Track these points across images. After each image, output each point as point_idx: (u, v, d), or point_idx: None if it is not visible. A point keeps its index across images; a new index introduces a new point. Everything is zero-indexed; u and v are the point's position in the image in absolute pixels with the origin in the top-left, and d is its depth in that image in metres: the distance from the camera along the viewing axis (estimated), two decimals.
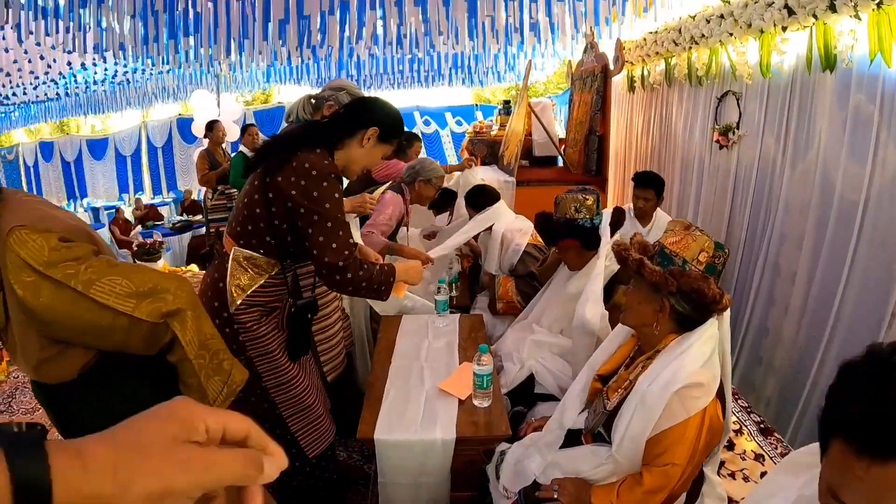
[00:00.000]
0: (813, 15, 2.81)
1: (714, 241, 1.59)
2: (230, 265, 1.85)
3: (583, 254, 2.43)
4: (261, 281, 1.88)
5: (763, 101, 3.43)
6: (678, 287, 1.51)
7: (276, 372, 1.93)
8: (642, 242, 1.67)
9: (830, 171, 2.89)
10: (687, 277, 1.51)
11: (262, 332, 1.90)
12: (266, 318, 1.92)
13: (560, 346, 2.42)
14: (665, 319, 1.57)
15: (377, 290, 1.89)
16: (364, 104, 1.97)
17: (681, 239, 1.59)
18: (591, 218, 2.39)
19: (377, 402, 2.05)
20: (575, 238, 2.40)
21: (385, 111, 1.94)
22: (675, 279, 1.51)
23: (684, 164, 4.46)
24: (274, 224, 1.81)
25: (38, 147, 15.76)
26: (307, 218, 1.74)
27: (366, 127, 1.88)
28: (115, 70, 6.54)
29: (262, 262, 1.87)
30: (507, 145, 5.41)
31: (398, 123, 1.98)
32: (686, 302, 1.54)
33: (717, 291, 1.51)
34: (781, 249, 3.30)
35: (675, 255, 1.57)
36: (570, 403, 1.80)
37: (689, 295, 1.52)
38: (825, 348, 2.88)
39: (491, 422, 1.94)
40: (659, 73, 4.78)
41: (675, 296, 1.54)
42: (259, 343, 1.89)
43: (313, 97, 2.56)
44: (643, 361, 1.62)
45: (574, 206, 2.39)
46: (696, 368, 1.45)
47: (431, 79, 8.98)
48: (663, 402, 1.43)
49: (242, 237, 1.86)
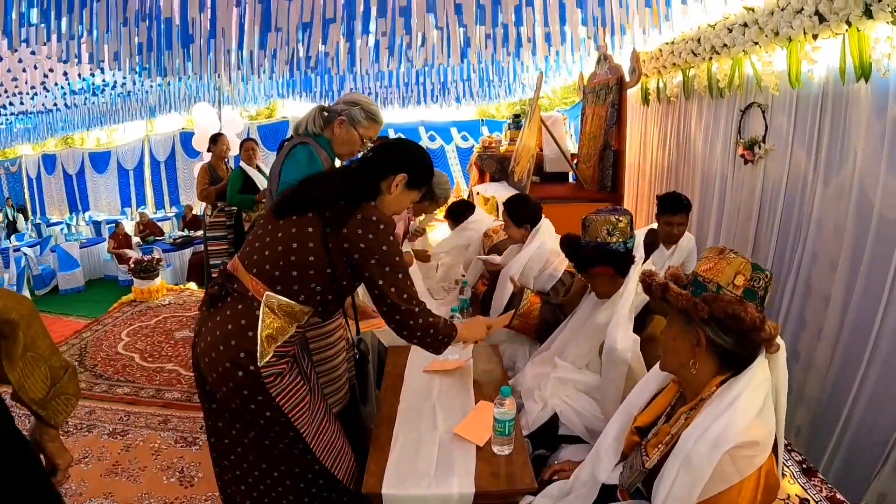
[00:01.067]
0: (846, 21, 2.67)
1: (752, 263, 1.38)
2: (262, 312, 1.70)
3: (615, 281, 2.18)
4: (291, 331, 1.75)
5: (792, 113, 3.26)
6: (710, 313, 1.31)
7: (314, 420, 1.81)
8: (675, 274, 1.48)
9: (868, 187, 2.72)
10: (720, 301, 1.31)
11: (293, 382, 1.77)
12: (290, 367, 1.79)
13: (586, 383, 2.18)
14: (704, 356, 1.36)
15: (440, 341, 1.87)
16: (391, 148, 1.92)
17: (714, 265, 1.39)
18: (624, 241, 2.16)
19: (384, 450, 1.82)
20: (608, 265, 2.17)
21: (412, 155, 1.90)
22: (706, 304, 1.32)
23: (705, 180, 4.28)
24: (327, 274, 1.74)
25: (40, 159, 15.81)
26: (377, 271, 1.72)
27: (394, 173, 1.83)
28: (115, 81, 6.42)
29: (297, 310, 1.75)
30: (518, 161, 5.23)
31: (426, 168, 1.92)
32: (724, 332, 1.33)
33: (756, 315, 1.29)
34: (813, 270, 3.11)
35: (709, 281, 1.37)
36: (604, 453, 1.58)
37: (724, 322, 1.31)
38: (862, 377, 2.69)
39: (513, 472, 1.71)
40: (676, 85, 4.61)
41: (710, 325, 1.34)
42: (292, 393, 1.75)
43: (325, 109, 2.46)
44: (685, 412, 1.40)
45: (606, 228, 2.16)
46: (749, 423, 1.24)
47: (437, 94, 8.89)
48: (712, 464, 1.22)
49: (281, 283, 1.73)
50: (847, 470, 2.71)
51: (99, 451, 3.23)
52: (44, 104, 7.28)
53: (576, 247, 2.26)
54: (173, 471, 3.03)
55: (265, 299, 1.70)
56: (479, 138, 10.59)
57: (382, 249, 1.70)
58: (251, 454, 1.83)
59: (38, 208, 16.03)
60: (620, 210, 2.22)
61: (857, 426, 2.69)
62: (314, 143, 2.38)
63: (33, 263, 7.64)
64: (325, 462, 1.81)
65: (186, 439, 3.32)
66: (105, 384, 4.21)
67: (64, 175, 15.46)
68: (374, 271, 1.72)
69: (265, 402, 1.70)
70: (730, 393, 1.31)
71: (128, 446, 3.28)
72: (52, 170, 15.58)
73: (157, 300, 6.47)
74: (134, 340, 5.15)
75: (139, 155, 14.15)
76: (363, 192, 1.78)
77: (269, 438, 1.77)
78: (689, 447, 1.27)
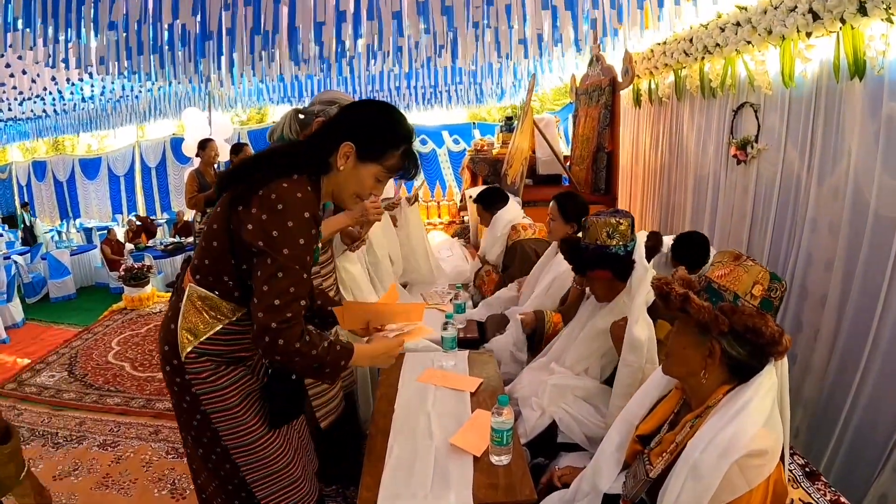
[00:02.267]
0: (840, 19, 2.64)
1: (769, 272, 1.36)
2: (184, 304, 1.54)
3: (614, 285, 2.16)
4: (217, 327, 1.53)
5: (784, 113, 3.24)
6: (730, 326, 1.28)
7: (237, 432, 1.58)
8: (685, 277, 1.43)
9: (863, 186, 2.69)
10: (740, 314, 1.27)
11: (220, 385, 1.56)
12: (226, 369, 1.57)
13: (585, 390, 2.15)
14: (715, 367, 1.33)
15: (317, 370, 1.51)
16: (342, 113, 1.59)
17: (730, 271, 1.36)
18: (624, 245, 2.13)
19: (379, 462, 1.76)
20: (606, 268, 2.13)
21: (362, 117, 1.54)
22: (726, 317, 1.28)
23: (697, 181, 4.26)
24: (232, 263, 1.49)
25: (30, 166, 15.72)
26: (259, 261, 1.41)
27: (338, 142, 1.50)
28: (104, 87, 6.36)
29: (218, 304, 1.53)
30: (511, 163, 5.21)
31: (386, 130, 1.54)
32: (740, 344, 1.30)
33: (775, 330, 1.27)
34: (809, 271, 3.09)
35: (725, 289, 1.33)
36: (604, 463, 1.55)
37: (742, 336, 1.28)
38: (861, 378, 2.66)
39: (512, 483, 1.67)
40: (668, 85, 4.59)
41: (726, 337, 1.30)
42: (215, 397, 1.55)
43: (301, 112, 2.32)
44: (691, 420, 1.37)
45: (606, 231, 2.13)
46: (758, 431, 1.21)
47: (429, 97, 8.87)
48: (721, 473, 1.19)
49: (199, 272, 1.54)
50: (847, 472, 2.68)
51: (89, 464, 3.18)
52: (33, 110, 7.22)
53: (575, 249, 2.23)
54: (165, 483, 2.98)
55: (188, 290, 1.53)
56: (470, 141, 10.57)
57: (271, 235, 1.38)
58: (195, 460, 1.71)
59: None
60: (622, 212, 2.18)
61: (857, 427, 2.66)
62: None
63: (24, 271, 7.56)
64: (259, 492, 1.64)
65: (178, 450, 3.27)
66: (95, 394, 4.16)
67: (54, 182, 15.38)
68: (258, 261, 1.42)
69: (193, 402, 1.56)
70: (738, 401, 1.28)
71: (118, 458, 3.24)
72: (43, 176, 15.49)
73: (147, 308, 6.42)
74: (125, 349, 5.10)
75: (130, 161, 14.09)
76: (292, 166, 1.46)
77: (203, 444, 1.63)
78: (696, 456, 1.24)
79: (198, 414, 1.57)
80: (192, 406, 1.57)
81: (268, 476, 1.63)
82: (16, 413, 3.89)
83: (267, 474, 1.63)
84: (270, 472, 1.63)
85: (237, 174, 1.49)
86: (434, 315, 3.33)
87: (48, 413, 3.88)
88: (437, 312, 3.37)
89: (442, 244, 5.74)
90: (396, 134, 1.54)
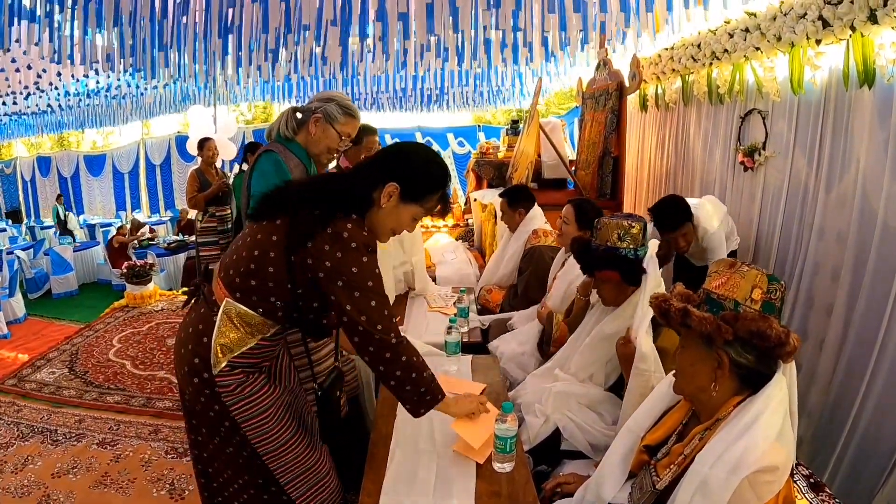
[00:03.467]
0: (850, 27, 2.62)
1: (767, 274, 1.34)
2: (219, 319, 1.58)
3: (622, 288, 2.15)
4: (251, 343, 1.60)
5: (793, 120, 3.21)
6: (734, 334, 1.26)
7: (267, 437, 1.65)
8: (684, 292, 1.42)
9: (871, 195, 2.67)
10: (743, 320, 1.25)
11: (249, 392, 1.62)
12: (253, 376, 1.64)
13: (589, 397, 2.13)
14: (725, 378, 1.31)
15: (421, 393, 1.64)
16: (389, 153, 1.68)
17: (727, 279, 1.34)
18: (635, 248, 2.11)
19: (381, 467, 1.75)
20: (615, 269, 2.12)
21: (411, 161, 1.64)
22: (729, 325, 1.26)
23: (704, 187, 4.23)
24: (288, 289, 1.57)
25: (35, 162, 15.75)
26: (344, 294, 1.51)
27: (384, 182, 1.59)
28: (109, 83, 6.37)
29: (258, 322, 1.60)
30: (517, 167, 5.18)
31: (428, 178, 1.65)
32: (747, 351, 1.27)
33: (780, 331, 1.24)
34: (815, 280, 3.06)
35: (725, 298, 1.32)
36: (608, 473, 1.53)
37: (748, 342, 1.26)
38: (866, 388, 2.64)
39: (515, 492, 1.65)
40: (675, 90, 4.57)
41: (733, 346, 1.28)
42: (248, 405, 1.62)
43: (299, 110, 2.33)
44: (700, 433, 1.35)
45: (617, 233, 2.12)
46: (769, 446, 1.19)
47: (434, 99, 8.86)
48: (731, 489, 1.17)
49: (241, 290, 1.59)
50: (851, 482, 2.66)
51: (88, 462, 3.17)
52: (38, 105, 7.22)
53: (586, 248, 2.22)
54: (163, 483, 2.97)
55: (224, 305, 1.58)
56: (475, 144, 10.55)
57: (352, 271, 1.50)
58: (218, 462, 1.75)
59: (32, 211, 15.97)
60: (635, 216, 2.17)
61: (862, 437, 2.64)
62: (282, 150, 2.27)
63: (26, 266, 7.57)
64: (294, 492, 1.71)
65: (177, 450, 3.26)
66: (95, 392, 4.15)
67: (59, 177, 15.41)
68: (341, 295, 1.51)
69: (222, 412, 1.61)
70: (748, 414, 1.25)
71: (118, 457, 3.22)
72: (47, 172, 15.54)
73: (150, 306, 6.42)
74: (126, 347, 5.09)
75: (135, 158, 14.09)
76: (345, 201, 1.56)
77: (231, 446, 1.69)
78: (705, 471, 1.22)
79: (226, 421, 1.63)
80: (221, 415, 1.62)
81: (300, 475, 1.71)
82: (15, 409, 3.89)
83: (298, 473, 1.70)
84: (301, 470, 1.71)
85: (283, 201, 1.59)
86: (437, 318, 3.31)
87: (48, 410, 3.87)
88: (441, 316, 3.36)
89: (446, 247, 5.72)
90: (439, 180, 1.66)
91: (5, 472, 3.10)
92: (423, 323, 3.28)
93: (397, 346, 1.56)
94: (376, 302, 1.53)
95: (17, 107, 7.09)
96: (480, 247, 5.93)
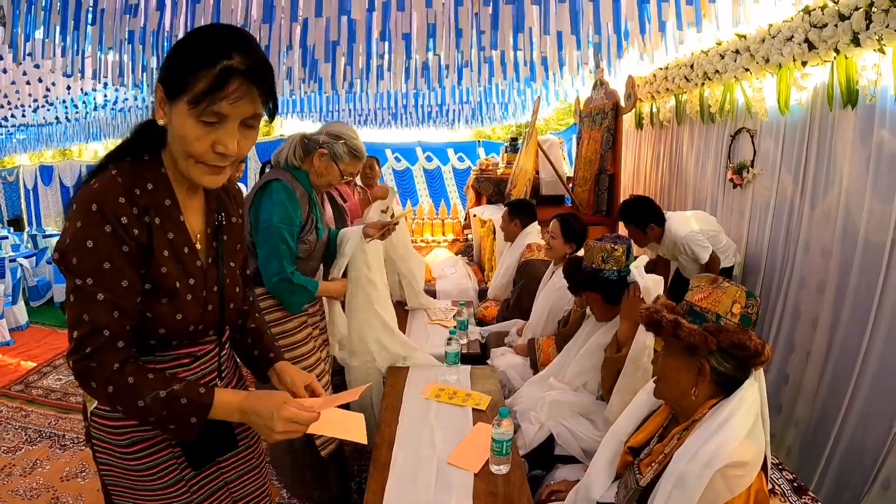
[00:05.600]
0: (835, 49, 2.74)
1: (745, 291, 1.47)
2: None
3: (607, 307, 2.28)
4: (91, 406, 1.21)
5: (780, 139, 3.34)
6: (718, 344, 1.38)
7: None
8: (668, 304, 1.54)
9: (854, 211, 2.78)
10: (726, 332, 1.38)
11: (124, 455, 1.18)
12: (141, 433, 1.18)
13: (582, 405, 2.25)
14: (705, 384, 1.42)
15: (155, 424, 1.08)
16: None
17: (709, 294, 1.47)
18: (618, 270, 2.24)
19: (384, 472, 1.85)
20: (596, 291, 2.26)
21: (174, 52, 1.07)
22: (713, 336, 1.38)
23: (696, 204, 4.35)
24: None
25: (38, 170, 15.78)
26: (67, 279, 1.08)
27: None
28: (116, 96, 6.48)
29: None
30: (515, 184, 5.30)
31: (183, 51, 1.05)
32: (726, 360, 1.40)
33: (758, 342, 1.37)
34: (801, 293, 3.16)
35: (707, 311, 1.44)
36: (595, 476, 1.65)
37: (729, 351, 1.38)
38: (850, 399, 2.73)
39: (510, 493, 1.75)
40: (669, 109, 4.70)
41: (714, 355, 1.40)
42: (119, 471, 1.20)
43: (307, 138, 2.34)
44: (678, 433, 1.46)
45: (601, 255, 2.25)
46: (739, 443, 1.30)
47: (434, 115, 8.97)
48: (704, 482, 1.27)
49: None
50: (837, 490, 2.74)
51: (95, 466, 3.23)
52: (45, 117, 7.33)
53: (574, 270, 2.34)
54: None
55: None
56: (475, 159, 10.66)
57: (64, 243, 1.04)
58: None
59: (35, 219, 16.00)
60: (621, 239, 2.30)
61: (846, 447, 2.72)
62: (291, 179, 2.28)
63: (29, 275, 7.62)
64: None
65: None
66: None
67: (61, 187, 15.43)
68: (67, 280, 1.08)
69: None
70: (721, 415, 1.36)
71: None
72: (50, 181, 15.55)
73: None
74: None
75: None
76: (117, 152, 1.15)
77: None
78: (681, 467, 1.32)
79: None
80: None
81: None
82: (23, 414, 3.95)
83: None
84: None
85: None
86: (438, 331, 3.41)
87: (55, 415, 3.94)
88: (441, 328, 3.45)
89: (446, 262, 5.85)
90: (202, 48, 1.03)
91: (14, 475, 3.16)
92: (424, 335, 3.38)
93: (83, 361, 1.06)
94: (73, 296, 1.06)
95: (26, 119, 7.19)
96: (479, 261, 6.04)
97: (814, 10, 2.83)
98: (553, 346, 2.77)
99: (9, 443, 3.52)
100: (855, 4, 2.56)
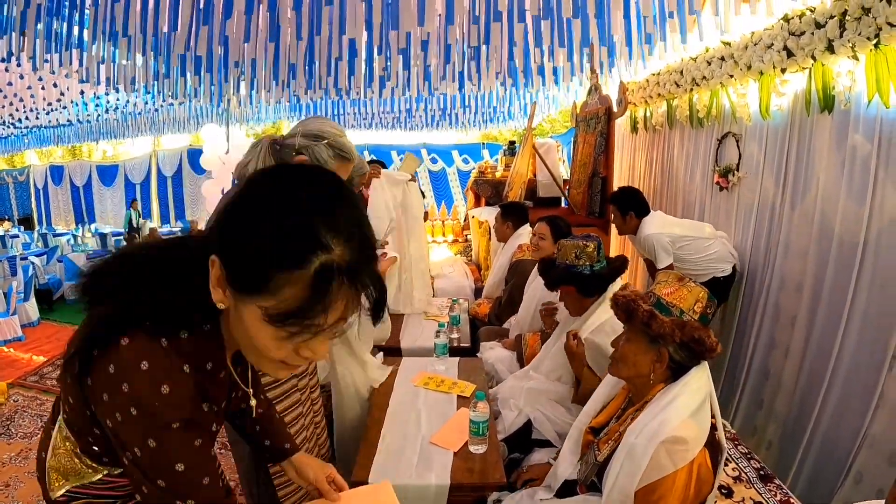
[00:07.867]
0: (811, 56, 2.83)
1: (707, 292, 1.66)
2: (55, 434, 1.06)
3: (581, 300, 2.44)
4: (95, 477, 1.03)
5: (762, 143, 3.44)
6: (681, 337, 1.55)
7: None
8: (638, 293, 1.70)
9: (829, 212, 2.87)
10: (690, 328, 1.55)
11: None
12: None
13: (557, 393, 2.43)
14: (661, 369, 1.60)
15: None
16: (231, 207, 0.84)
17: (676, 290, 1.64)
18: (591, 265, 2.39)
19: (373, 447, 2.03)
20: (571, 284, 2.41)
21: (244, 227, 0.79)
22: (679, 330, 1.55)
23: (686, 206, 4.45)
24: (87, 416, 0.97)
25: (48, 170, 15.95)
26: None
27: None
28: (127, 100, 6.66)
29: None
30: (512, 186, 5.44)
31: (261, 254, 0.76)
32: (684, 350, 1.57)
33: (714, 340, 1.56)
34: (781, 292, 3.26)
35: (673, 305, 1.61)
36: (563, 457, 1.84)
37: (687, 344, 1.55)
38: (825, 394, 2.82)
39: (486, 469, 1.92)
40: (661, 114, 4.81)
41: (674, 345, 1.57)
42: None
43: (278, 143, 1.79)
44: (632, 413, 1.64)
45: (574, 252, 2.40)
46: (681, 421, 1.46)
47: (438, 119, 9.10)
48: (649, 454, 1.44)
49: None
50: (813, 483, 2.83)
51: None
52: (57, 119, 7.51)
53: (549, 267, 2.50)
54: None
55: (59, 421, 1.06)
56: (480, 161, 10.79)
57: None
58: None
59: (45, 218, 16.23)
60: (592, 238, 2.46)
61: (821, 441, 2.81)
62: None
63: (40, 273, 7.78)
64: None
65: None
66: None
67: (71, 186, 15.64)
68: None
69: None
70: (668, 396, 1.55)
71: None
72: (60, 181, 15.76)
73: None
74: None
75: (146, 169, 14.32)
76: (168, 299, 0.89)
77: None
78: (631, 440, 1.50)
79: None
80: None
81: None
82: (38, 403, 4.16)
83: None
84: None
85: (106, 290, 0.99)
86: (432, 326, 3.56)
87: None
88: (435, 323, 3.60)
89: (445, 261, 6.10)
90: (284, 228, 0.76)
91: (30, 458, 3.35)
92: (419, 330, 3.55)
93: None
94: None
95: (39, 121, 7.38)
96: (477, 261, 6.20)
97: (792, 18, 2.92)
98: (539, 341, 2.92)
99: (25, 429, 3.71)
100: (830, 13, 2.65)
